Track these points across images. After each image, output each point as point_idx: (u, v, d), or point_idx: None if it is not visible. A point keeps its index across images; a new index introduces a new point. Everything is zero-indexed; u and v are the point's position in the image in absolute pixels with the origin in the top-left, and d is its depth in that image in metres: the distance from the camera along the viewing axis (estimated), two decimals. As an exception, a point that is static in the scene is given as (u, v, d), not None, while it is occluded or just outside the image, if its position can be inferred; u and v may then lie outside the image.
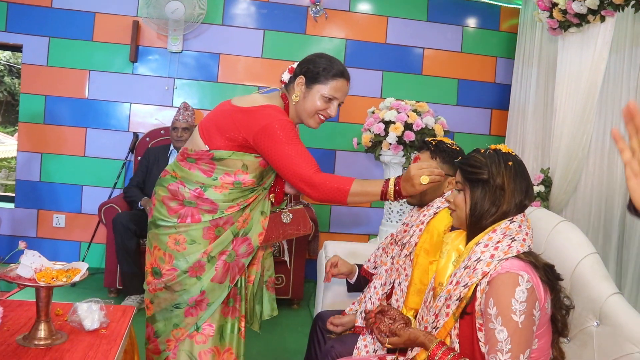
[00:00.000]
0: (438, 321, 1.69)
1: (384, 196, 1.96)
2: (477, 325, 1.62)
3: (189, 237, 2.13)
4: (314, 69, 2.14)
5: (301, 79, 2.16)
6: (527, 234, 1.70)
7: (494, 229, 1.70)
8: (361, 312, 2.24)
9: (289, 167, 2.02)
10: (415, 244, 2.15)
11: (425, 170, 1.86)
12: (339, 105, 2.21)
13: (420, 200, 2.27)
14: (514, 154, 1.78)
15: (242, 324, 2.30)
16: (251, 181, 2.15)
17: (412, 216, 2.32)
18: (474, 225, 1.74)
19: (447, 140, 2.27)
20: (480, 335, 1.61)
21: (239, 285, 2.27)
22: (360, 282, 2.52)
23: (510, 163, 1.73)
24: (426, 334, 1.74)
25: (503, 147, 1.79)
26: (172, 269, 2.13)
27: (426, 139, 2.33)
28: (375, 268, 2.47)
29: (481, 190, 1.72)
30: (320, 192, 1.99)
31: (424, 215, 2.20)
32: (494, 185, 1.71)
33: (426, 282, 2.06)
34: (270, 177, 2.24)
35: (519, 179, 1.73)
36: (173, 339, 2.18)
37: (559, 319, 1.71)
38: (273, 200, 2.30)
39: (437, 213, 2.16)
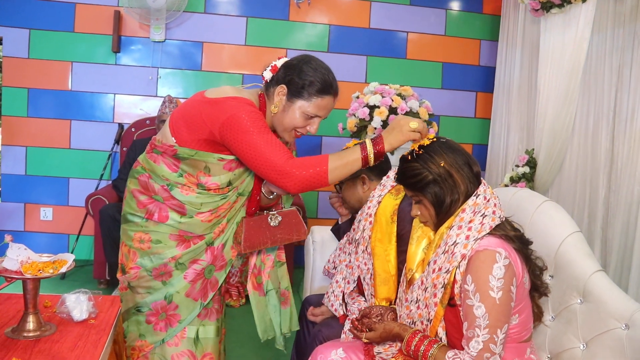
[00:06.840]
0: (430, 313, 1.71)
1: (365, 161, 1.79)
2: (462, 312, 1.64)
3: (154, 236, 1.97)
4: (299, 81, 1.88)
5: (283, 89, 1.90)
6: (495, 204, 1.72)
7: (463, 208, 1.72)
8: (331, 304, 2.33)
9: (258, 157, 1.80)
10: (370, 237, 2.18)
11: (411, 118, 1.78)
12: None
13: (353, 208, 2.38)
14: (435, 139, 1.79)
15: (224, 325, 2.15)
16: (215, 184, 1.94)
17: (358, 213, 2.35)
18: (445, 217, 1.76)
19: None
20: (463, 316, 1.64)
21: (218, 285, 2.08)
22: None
23: (440, 151, 1.75)
24: (400, 324, 1.79)
25: (422, 142, 1.79)
26: (136, 267, 1.98)
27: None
28: (335, 268, 2.53)
29: (435, 189, 1.73)
30: (296, 180, 1.79)
31: (369, 208, 2.23)
32: (442, 179, 1.72)
33: (389, 270, 2.10)
34: (244, 182, 2.01)
35: (455, 157, 1.75)
36: (137, 350, 2.02)
37: (537, 282, 1.76)
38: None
39: (380, 202, 2.19)
